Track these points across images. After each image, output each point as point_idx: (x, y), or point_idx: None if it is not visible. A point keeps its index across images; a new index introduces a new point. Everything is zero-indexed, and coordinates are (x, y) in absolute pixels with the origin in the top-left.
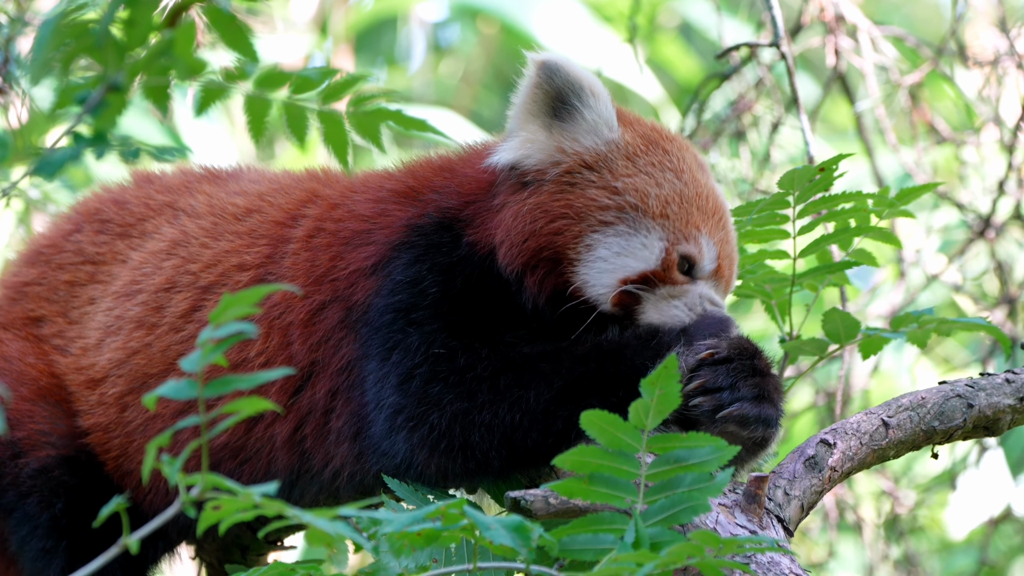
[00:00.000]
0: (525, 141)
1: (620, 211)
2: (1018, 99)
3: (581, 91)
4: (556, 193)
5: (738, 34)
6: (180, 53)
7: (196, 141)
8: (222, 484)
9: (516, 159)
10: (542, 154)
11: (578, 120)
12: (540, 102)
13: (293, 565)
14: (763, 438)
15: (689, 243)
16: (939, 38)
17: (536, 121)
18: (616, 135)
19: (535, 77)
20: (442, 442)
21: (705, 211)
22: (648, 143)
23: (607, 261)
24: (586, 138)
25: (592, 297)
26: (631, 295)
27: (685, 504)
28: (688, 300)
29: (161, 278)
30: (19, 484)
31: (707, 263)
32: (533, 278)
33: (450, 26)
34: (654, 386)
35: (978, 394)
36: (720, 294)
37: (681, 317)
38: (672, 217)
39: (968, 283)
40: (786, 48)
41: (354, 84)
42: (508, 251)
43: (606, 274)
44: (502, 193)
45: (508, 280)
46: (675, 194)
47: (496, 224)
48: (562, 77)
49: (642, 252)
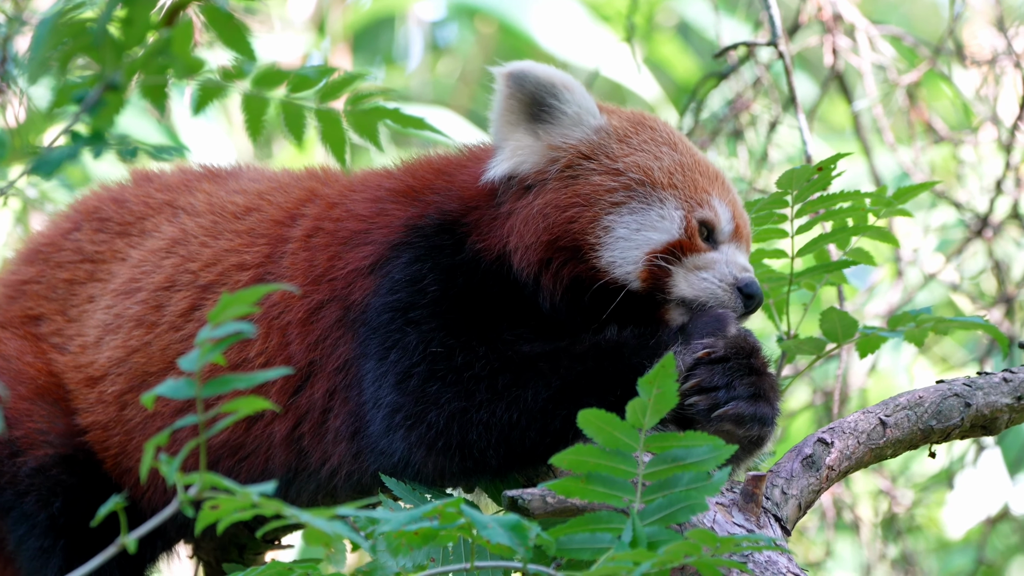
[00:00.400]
0: (515, 150)
1: (628, 189)
2: (1016, 98)
3: (554, 88)
4: (561, 188)
5: (736, 33)
6: (178, 52)
7: (194, 140)
8: (220, 483)
9: (510, 169)
10: (535, 157)
11: (560, 117)
12: (517, 111)
13: (291, 564)
14: (759, 437)
15: (704, 208)
16: (937, 37)
17: (519, 129)
18: (602, 121)
19: (505, 89)
20: (440, 440)
21: (708, 176)
22: (635, 124)
23: (628, 239)
24: (574, 131)
25: (620, 277)
26: (661, 268)
27: (683, 503)
28: (718, 271)
29: (161, 276)
30: (17, 483)
31: (725, 224)
32: (550, 273)
33: (448, 25)
34: (651, 385)
35: (976, 393)
36: (743, 253)
37: (714, 289)
38: (680, 186)
39: (966, 282)
40: (784, 47)
41: (352, 83)
42: (524, 253)
43: (631, 251)
44: (507, 201)
45: (517, 284)
46: (676, 164)
47: (507, 231)
48: (531, 81)
49: (662, 223)
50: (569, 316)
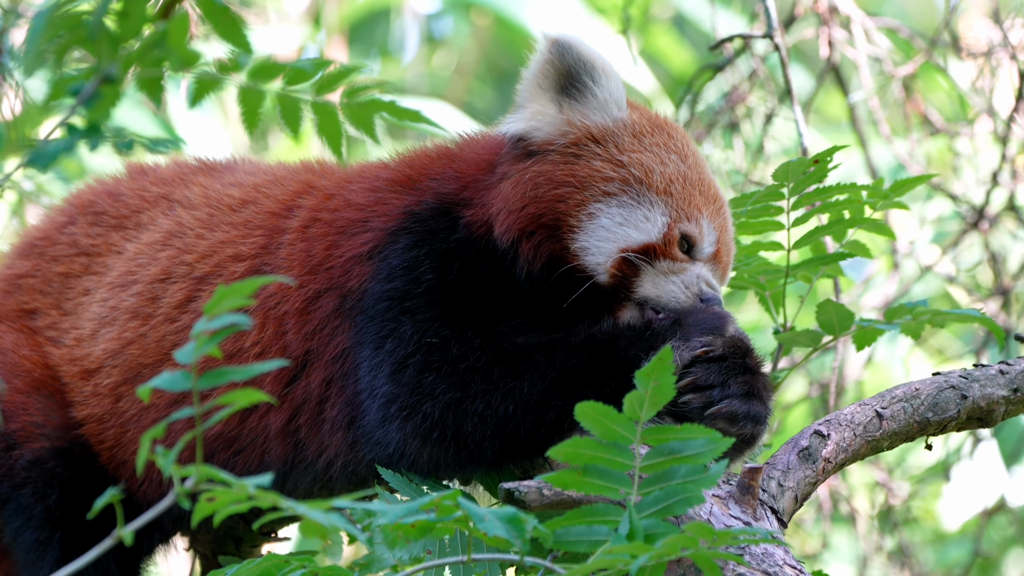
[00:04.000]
0: (535, 113)
1: (624, 183)
2: (1011, 90)
3: (593, 69)
4: (561, 163)
5: (732, 25)
6: (174, 45)
7: (190, 133)
8: (217, 476)
9: (525, 130)
10: (551, 127)
11: (588, 98)
12: (551, 77)
13: (287, 557)
14: (751, 435)
15: (691, 223)
16: (933, 29)
17: (545, 96)
18: (624, 114)
19: (547, 53)
20: (435, 432)
21: (707, 196)
22: (654, 126)
23: (608, 230)
24: (595, 115)
25: (590, 265)
26: (630, 265)
27: (679, 496)
28: (686, 278)
29: (156, 269)
30: (13, 475)
31: (707, 245)
32: (529, 244)
33: (443, 18)
34: (649, 378)
35: (972, 385)
36: (717, 279)
37: (677, 293)
38: (675, 195)
39: (962, 274)
40: (780, 39)
41: (348, 75)
42: (506, 218)
43: (607, 242)
44: (504, 164)
45: (503, 256)
46: (679, 175)
47: (495, 195)
48: (574, 55)
49: (644, 224)
50: (539, 292)
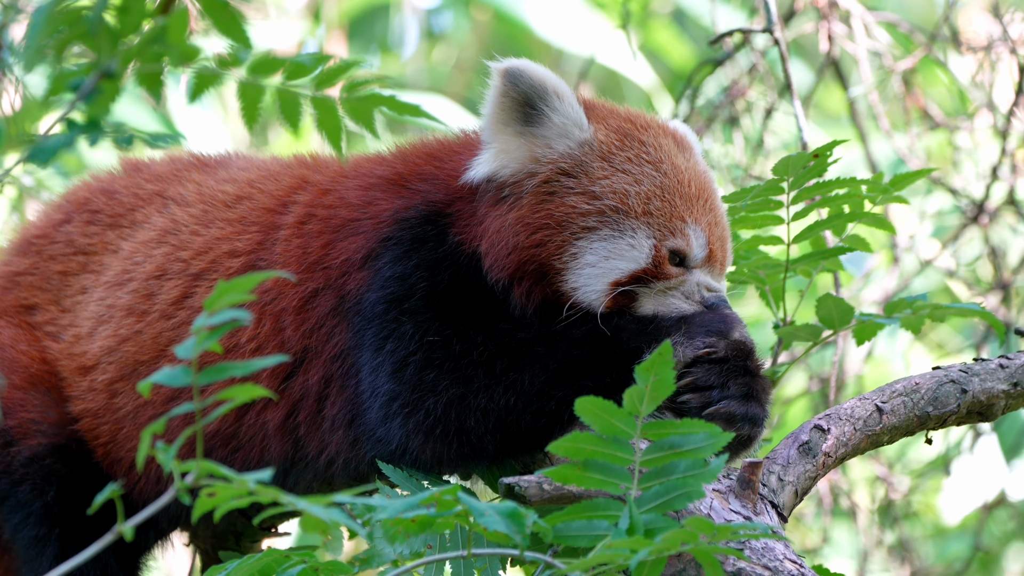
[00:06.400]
0: (499, 152)
1: (601, 215)
2: (1011, 84)
3: (545, 94)
4: (535, 205)
5: (731, 20)
6: (173, 40)
7: (189, 128)
8: (217, 471)
9: (492, 171)
10: (517, 164)
11: (547, 124)
12: (509, 110)
13: (288, 552)
14: (748, 436)
15: (676, 237)
16: (932, 24)
17: (508, 130)
18: (588, 134)
19: (500, 86)
20: (438, 427)
21: (689, 198)
22: (623, 137)
23: (595, 266)
24: (558, 142)
25: (586, 303)
26: (626, 294)
27: (679, 490)
28: (685, 289)
29: (152, 266)
30: (12, 472)
31: (697, 252)
32: (520, 289)
33: (443, 13)
34: (649, 372)
35: (972, 379)
36: (716, 277)
37: (680, 305)
38: (656, 213)
39: (962, 268)
40: (779, 34)
41: (347, 70)
42: (494, 263)
43: (596, 279)
44: (483, 204)
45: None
46: (656, 188)
47: (481, 233)
48: (526, 81)
49: (631, 252)
50: (541, 323)
